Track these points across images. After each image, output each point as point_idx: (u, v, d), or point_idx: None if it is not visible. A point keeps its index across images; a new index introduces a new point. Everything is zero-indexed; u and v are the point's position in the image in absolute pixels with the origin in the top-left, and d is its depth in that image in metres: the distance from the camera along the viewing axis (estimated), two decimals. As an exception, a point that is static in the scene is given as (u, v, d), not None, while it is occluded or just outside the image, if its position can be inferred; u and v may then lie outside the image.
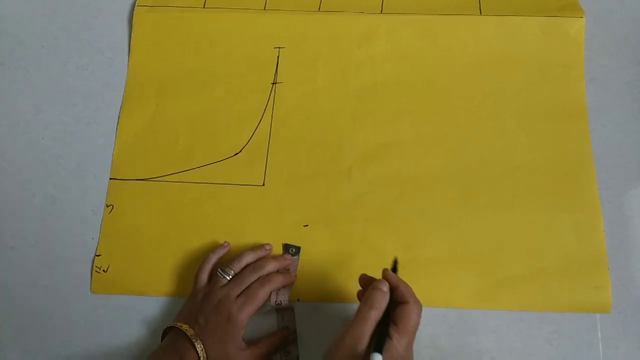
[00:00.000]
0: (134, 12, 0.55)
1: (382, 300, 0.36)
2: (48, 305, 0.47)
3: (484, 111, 0.50)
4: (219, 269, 0.44)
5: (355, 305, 0.45)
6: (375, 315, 0.35)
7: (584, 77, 0.51)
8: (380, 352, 0.34)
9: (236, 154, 0.50)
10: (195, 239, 0.48)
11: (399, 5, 0.54)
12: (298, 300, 0.45)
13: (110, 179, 0.50)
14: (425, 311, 0.44)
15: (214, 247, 0.46)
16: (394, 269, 0.40)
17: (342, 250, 0.47)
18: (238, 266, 0.44)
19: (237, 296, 0.42)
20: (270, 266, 0.44)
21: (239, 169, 0.50)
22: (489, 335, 0.44)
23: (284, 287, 0.44)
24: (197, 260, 0.47)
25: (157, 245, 0.48)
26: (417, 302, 0.36)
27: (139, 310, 0.46)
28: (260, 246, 0.46)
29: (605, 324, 0.44)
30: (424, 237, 0.47)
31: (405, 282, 0.37)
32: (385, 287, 0.37)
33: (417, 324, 0.36)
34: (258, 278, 0.43)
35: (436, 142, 0.50)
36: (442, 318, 0.45)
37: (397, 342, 0.35)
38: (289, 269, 0.46)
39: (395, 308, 0.36)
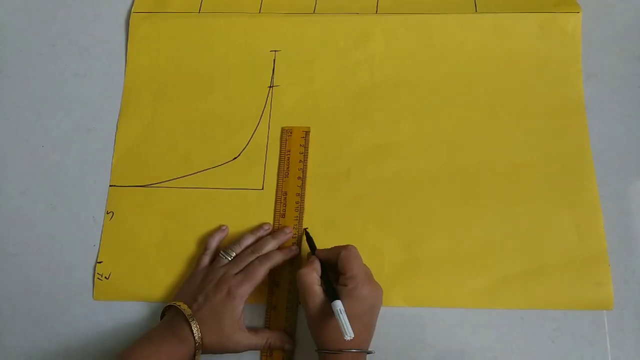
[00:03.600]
0: (130, 19, 0.55)
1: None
2: (51, 313, 0.47)
3: (481, 110, 0.50)
4: (221, 251, 0.45)
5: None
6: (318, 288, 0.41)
7: (582, 73, 0.51)
8: (337, 298, 0.39)
9: (235, 158, 0.50)
10: (195, 243, 0.48)
11: (394, 5, 0.53)
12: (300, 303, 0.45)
13: (110, 185, 0.50)
14: (426, 311, 0.45)
15: (212, 232, 0.47)
16: (309, 238, 0.46)
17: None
18: (239, 248, 0.46)
19: (236, 274, 0.43)
20: (270, 245, 0.45)
21: (237, 173, 0.50)
22: (491, 334, 0.44)
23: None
24: (197, 264, 0.47)
25: (158, 250, 0.48)
26: (347, 247, 0.42)
27: (141, 317, 0.47)
28: (259, 227, 0.47)
29: (607, 321, 0.44)
30: (423, 237, 0.47)
31: (329, 249, 0.43)
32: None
33: (361, 263, 0.41)
34: (257, 257, 0.44)
35: (435, 142, 0.50)
36: (443, 318, 0.45)
37: (352, 285, 0.40)
38: (295, 246, 0.47)
39: (336, 264, 0.42)
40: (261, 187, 0.49)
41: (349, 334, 0.37)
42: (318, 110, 0.51)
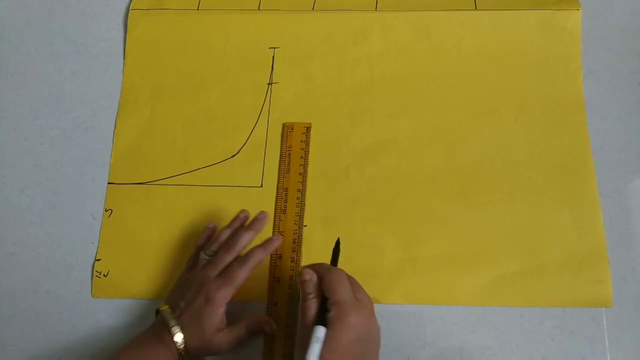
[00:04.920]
0: (128, 16, 0.55)
1: (309, 287, 0.39)
2: (49, 311, 0.47)
3: (481, 107, 0.50)
4: (201, 252, 0.44)
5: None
6: (311, 303, 0.38)
7: (582, 70, 0.51)
8: (322, 324, 0.36)
9: (233, 155, 0.50)
10: (194, 241, 0.47)
11: (394, 2, 0.53)
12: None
13: (109, 183, 0.50)
14: (425, 309, 0.45)
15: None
16: (337, 248, 0.42)
17: (341, 249, 0.46)
18: (216, 245, 0.44)
19: (217, 277, 0.41)
20: (245, 239, 0.43)
21: (236, 171, 0.50)
22: (490, 332, 0.44)
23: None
24: (196, 262, 0.47)
25: (156, 248, 0.48)
26: (332, 270, 0.39)
27: (140, 315, 0.46)
28: (236, 217, 0.46)
29: (606, 318, 0.44)
30: (423, 235, 0.47)
31: (320, 265, 0.40)
32: (308, 275, 0.39)
33: (347, 287, 0.37)
34: (237, 257, 0.42)
35: (434, 139, 0.49)
36: (442, 316, 0.45)
37: (337, 312, 0.36)
38: (278, 237, 0.44)
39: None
40: (260, 185, 0.49)
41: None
42: (317, 107, 0.51)
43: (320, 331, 0.36)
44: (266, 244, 0.44)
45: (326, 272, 0.39)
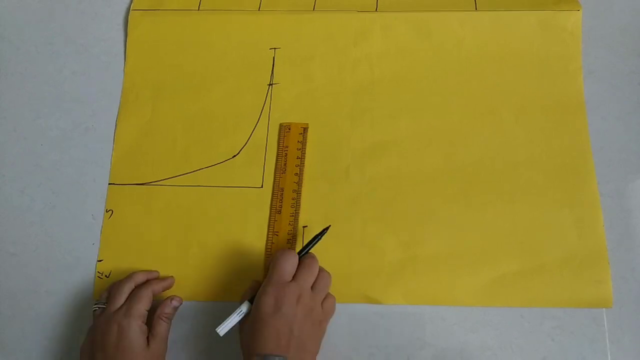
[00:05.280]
0: (129, 16, 0.55)
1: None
2: (51, 311, 0.47)
3: (481, 107, 0.50)
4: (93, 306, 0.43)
5: (357, 305, 0.45)
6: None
7: (582, 70, 0.51)
8: (250, 301, 0.41)
9: (234, 156, 0.50)
10: (195, 242, 0.48)
11: (394, 2, 0.53)
12: None
13: (109, 184, 0.50)
14: (425, 309, 0.45)
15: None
16: (317, 236, 0.45)
17: (341, 250, 0.47)
18: (107, 293, 0.43)
19: (119, 308, 0.41)
20: (139, 276, 0.44)
21: (237, 171, 0.50)
22: (490, 332, 0.44)
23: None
24: (197, 263, 0.47)
25: (157, 249, 0.48)
26: (280, 252, 0.42)
27: (141, 315, 0.46)
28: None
29: (606, 318, 0.44)
30: (423, 235, 0.47)
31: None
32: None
33: (283, 268, 0.40)
34: (135, 288, 0.43)
35: (434, 139, 0.49)
36: (442, 316, 0.45)
37: (262, 286, 0.40)
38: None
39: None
40: (260, 185, 0.49)
41: (219, 330, 0.40)
42: (317, 107, 0.51)
43: (244, 306, 0.41)
44: (162, 278, 0.46)
45: (276, 253, 0.42)
